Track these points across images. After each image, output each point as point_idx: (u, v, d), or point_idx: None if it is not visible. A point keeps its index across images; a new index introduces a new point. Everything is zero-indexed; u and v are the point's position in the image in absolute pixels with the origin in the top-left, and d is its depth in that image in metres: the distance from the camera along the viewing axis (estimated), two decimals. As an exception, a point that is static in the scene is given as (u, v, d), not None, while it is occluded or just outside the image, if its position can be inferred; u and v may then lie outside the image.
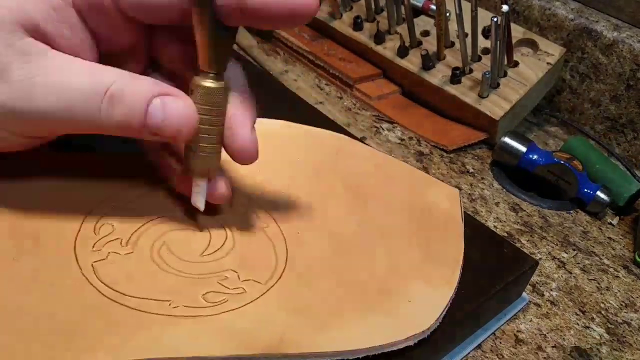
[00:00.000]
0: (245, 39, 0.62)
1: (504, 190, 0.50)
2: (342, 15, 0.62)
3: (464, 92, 0.54)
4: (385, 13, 0.59)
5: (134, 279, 0.26)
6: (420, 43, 0.58)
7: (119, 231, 0.28)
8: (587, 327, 0.38)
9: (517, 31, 0.57)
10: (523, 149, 0.50)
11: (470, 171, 0.51)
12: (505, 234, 0.44)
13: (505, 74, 0.55)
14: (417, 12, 0.60)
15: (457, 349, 0.33)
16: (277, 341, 0.25)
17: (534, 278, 0.40)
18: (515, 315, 0.37)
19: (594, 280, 0.42)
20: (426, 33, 0.59)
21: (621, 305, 0.40)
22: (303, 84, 0.57)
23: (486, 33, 0.56)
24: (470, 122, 0.56)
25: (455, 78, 0.54)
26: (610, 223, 0.49)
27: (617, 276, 0.43)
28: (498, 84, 0.54)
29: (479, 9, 0.53)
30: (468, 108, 0.54)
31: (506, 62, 0.55)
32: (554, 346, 0.35)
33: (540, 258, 0.43)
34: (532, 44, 0.57)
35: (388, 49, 0.59)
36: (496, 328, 0.35)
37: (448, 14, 0.54)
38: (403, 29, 0.58)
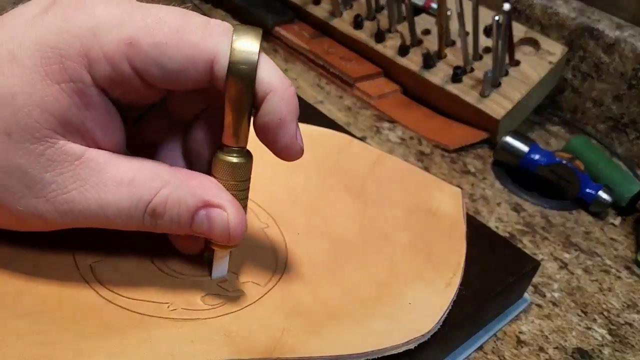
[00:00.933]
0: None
1: (506, 190, 0.50)
2: (343, 13, 0.62)
3: (465, 91, 0.54)
4: (385, 11, 0.59)
5: (133, 281, 0.26)
6: (421, 42, 0.58)
7: (118, 231, 0.28)
8: (589, 328, 0.37)
9: (519, 30, 0.57)
10: (525, 149, 0.50)
11: (471, 171, 0.51)
12: (507, 235, 0.44)
13: (506, 73, 0.54)
14: (418, 11, 0.59)
15: (459, 350, 0.33)
16: (275, 345, 0.24)
17: (536, 279, 0.40)
18: (517, 316, 0.37)
19: (596, 281, 0.42)
20: (427, 32, 0.59)
21: (623, 306, 0.40)
22: (303, 83, 0.57)
23: (488, 32, 0.56)
24: (471, 122, 0.55)
25: (456, 77, 0.54)
26: (612, 223, 0.49)
27: (620, 277, 0.43)
28: (499, 83, 0.54)
29: (481, 8, 0.53)
30: (469, 107, 0.54)
31: (508, 61, 0.55)
32: (556, 347, 0.35)
33: (542, 259, 0.42)
34: (534, 43, 0.57)
35: (389, 48, 0.58)
36: (498, 329, 0.35)
37: (449, 13, 0.54)
38: (404, 28, 0.58)
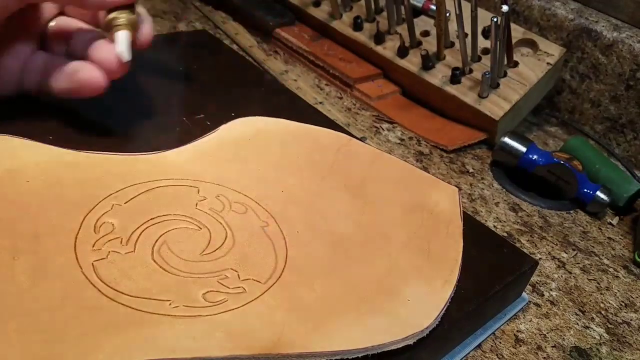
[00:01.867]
0: (245, 39, 0.62)
1: (504, 190, 0.50)
2: (342, 15, 0.62)
3: (464, 92, 0.54)
4: (385, 13, 0.59)
5: (135, 279, 0.26)
6: (420, 43, 0.58)
7: (119, 230, 0.28)
8: (587, 327, 0.38)
9: (517, 31, 0.57)
10: (523, 149, 0.50)
11: (470, 171, 0.51)
12: (505, 234, 0.44)
13: (505, 74, 0.55)
14: (417, 12, 0.60)
15: (457, 349, 0.33)
16: (275, 341, 0.25)
17: (534, 278, 0.40)
18: (515, 315, 0.37)
19: (594, 280, 0.42)
20: (426, 33, 0.59)
21: (621, 305, 0.40)
22: (303, 84, 0.57)
23: (486, 33, 0.57)
24: (470, 122, 0.56)
25: (455, 78, 0.55)
26: (610, 223, 0.49)
27: (617, 276, 0.43)
28: (498, 84, 0.54)
29: (479, 9, 0.53)
30: (468, 108, 0.54)
31: (506, 62, 0.55)
32: (554, 346, 0.35)
33: (540, 258, 0.43)
34: (532, 44, 0.57)
35: (388, 49, 0.59)
36: (496, 328, 0.35)
37: (448, 14, 0.54)
38: (403, 29, 0.58)
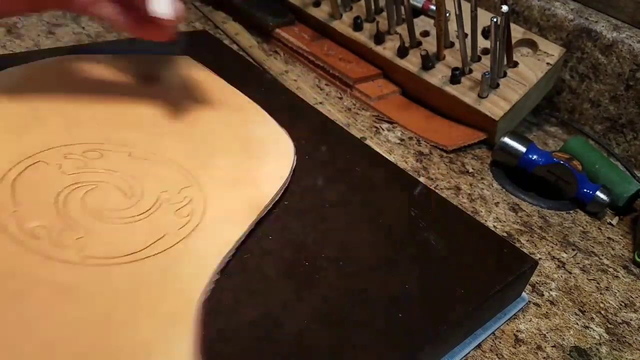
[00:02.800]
0: (245, 39, 0.62)
1: (504, 190, 0.50)
2: (342, 15, 0.62)
3: (464, 92, 0.54)
4: (385, 13, 0.59)
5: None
6: (420, 43, 0.58)
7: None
8: (587, 327, 0.38)
9: (517, 31, 0.57)
10: (523, 149, 0.50)
11: (469, 171, 0.51)
12: (504, 234, 0.44)
13: (504, 74, 0.55)
14: (417, 13, 0.60)
15: (457, 349, 0.33)
16: None
17: (534, 278, 0.40)
18: (515, 315, 0.37)
19: (594, 280, 0.42)
20: (426, 33, 0.59)
21: (621, 305, 0.40)
22: (303, 84, 0.57)
23: (486, 33, 0.57)
24: (469, 122, 0.56)
25: (455, 78, 0.55)
26: (609, 223, 0.49)
27: (617, 276, 0.43)
28: (498, 84, 0.54)
29: (479, 9, 0.53)
30: (468, 108, 0.54)
31: (506, 63, 0.55)
32: (554, 346, 0.35)
33: (539, 258, 0.43)
34: (532, 44, 0.57)
35: (388, 49, 0.59)
36: (496, 328, 0.35)
37: (448, 14, 0.54)
38: (403, 29, 0.58)
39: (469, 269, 0.33)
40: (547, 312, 0.38)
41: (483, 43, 0.56)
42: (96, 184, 0.30)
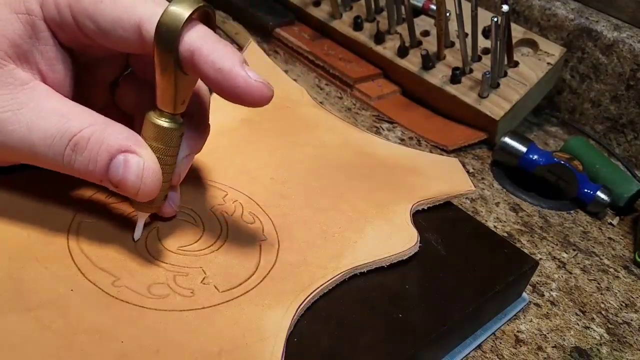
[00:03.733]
0: (245, 39, 0.62)
1: (504, 190, 0.50)
2: (342, 15, 0.62)
3: (464, 92, 0.54)
4: (385, 13, 0.59)
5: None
6: (420, 43, 0.58)
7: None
8: (587, 328, 0.38)
9: (517, 31, 0.57)
10: (523, 149, 0.50)
11: (470, 171, 0.51)
12: (505, 234, 0.44)
13: (505, 74, 0.55)
14: (417, 12, 0.60)
15: (458, 349, 0.33)
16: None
17: (534, 278, 0.40)
18: (515, 315, 0.37)
19: (594, 280, 0.42)
20: (426, 33, 0.59)
21: (621, 305, 0.40)
22: (303, 84, 0.57)
23: (486, 33, 0.56)
24: (470, 122, 0.56)
25: (455, 78, 0.54)
26: (610, 223, 0.49)
27: (617, 276, 0.43)
28: (498, 84, 0.54)
29: (479, 9, 0.53)
30: (468, 108, 0.54)
31: (506, 62, 0.55)
32: (554, 346, 0.35)
33: (540, 258, 0.43)
34: (532, 44, 0.57)
35: (388, 49, 0.59)
36: (496, 328, 0.35)
37: (448, 14, 0.54)
38: (403, 29, 0.58)
39: (469, 269, 0.33)
40: (548, 313, 0.38)
41: (483, 43, 0.56)
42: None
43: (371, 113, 0.56)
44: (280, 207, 0.33)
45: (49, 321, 0.23)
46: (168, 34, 0.23)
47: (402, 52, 0.57)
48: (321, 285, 0.28)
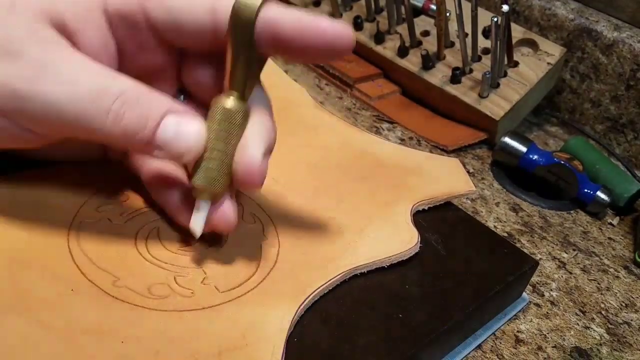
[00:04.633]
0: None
1: (504, 190, 0.50)
2: (342, 15, 0.62)
3: (464, 92, 0.54)
4: (385, 13, 0.59)
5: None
6: (420, 43, 0.58)
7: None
8: (588, 328, 0.38)
9: (517, 31, 0.57)
10: (523, 149, 0.50)
11: (470, 171, 0.51)
12: (505, 234, 0.44)
13: (505, 74, 0.55)
14: (417, 12, 0.60)
15: (458, 349, 0.33)
16: None
17: (534, 278, 0.40)
18: (515, 315, 0.37)
19: (594, 280, 0.42)
20: (426, 33, 0.59)
21: (621, 305, 0.40)
22: (303, 84, 0.57)
23: (486, 33, 0.56)
24: (470, 122, 0.56)
25: (455, 78, 0.54)
26: (610, 223, 0.49)
27: (618, 276, 0.43)
28: (498, 84, 0.54)
29: (479, 9, 0.53)
30: (468, 108, 0.54)
31: (506, 62, 0.55)
32: (554, 346, 0.35)
33: (540, 258, 0.43)
34: (532, 44, 0.57)
35: (388, 49, 0.59)
36: (496, 328, 0.35)
37: (448, 14, 0.54)
38: (403, 29, 0.58)
39: (469, 269, 0.33)
40: (548, 313, 0.38)
41: (483, 43, 0.56)
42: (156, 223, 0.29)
43: (371, 113, 0.56)
44: (280, 208, 0.33)
45: (49, 321, 0.23)
46: (247, 10, 0.24)
47: (402, 52, 0.57)
48: (321, 285, 0.28)
